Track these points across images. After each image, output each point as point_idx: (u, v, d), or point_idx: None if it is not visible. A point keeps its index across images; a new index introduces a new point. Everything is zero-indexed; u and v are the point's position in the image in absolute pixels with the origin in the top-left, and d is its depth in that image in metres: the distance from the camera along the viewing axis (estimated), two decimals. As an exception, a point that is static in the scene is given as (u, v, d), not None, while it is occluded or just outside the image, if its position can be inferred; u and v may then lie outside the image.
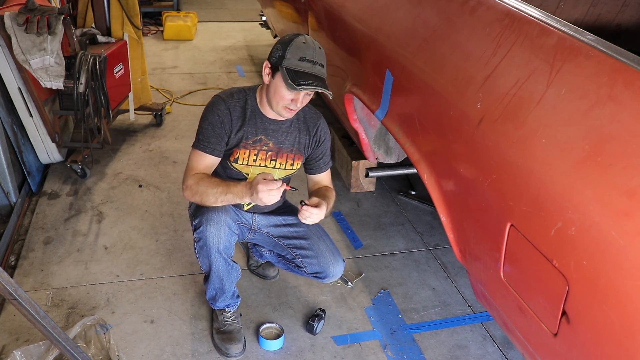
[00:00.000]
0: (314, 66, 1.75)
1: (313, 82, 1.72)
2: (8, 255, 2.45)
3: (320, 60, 1.77)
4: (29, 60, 2.61)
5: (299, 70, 1.73)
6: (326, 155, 2.06)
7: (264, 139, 1.91)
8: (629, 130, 1.12)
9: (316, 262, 2.02)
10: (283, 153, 1.95)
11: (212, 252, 1.86)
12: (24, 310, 1.42)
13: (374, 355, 2.07)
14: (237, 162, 1.92)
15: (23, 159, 2.89)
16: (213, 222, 1.83)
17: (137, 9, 3.44)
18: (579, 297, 1.17)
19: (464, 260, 1.72)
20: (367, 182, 3.08)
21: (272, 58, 1.78)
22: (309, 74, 1.74)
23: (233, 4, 7.27)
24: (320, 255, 2.02)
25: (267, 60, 1.80)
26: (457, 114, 1.61)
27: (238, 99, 1.89)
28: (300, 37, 1.77)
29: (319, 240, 2.04)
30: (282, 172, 1.99)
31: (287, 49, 1.74)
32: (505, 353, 2.11)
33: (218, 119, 1.84)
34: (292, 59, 1.73)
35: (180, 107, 4.14)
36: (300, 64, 1.73)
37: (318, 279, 2.07)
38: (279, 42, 1.80)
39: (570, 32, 1.35)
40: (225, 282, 1.95)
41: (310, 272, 2.05)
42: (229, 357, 2.00)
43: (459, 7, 1.79)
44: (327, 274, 2.03)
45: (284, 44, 1.76)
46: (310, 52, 1.74)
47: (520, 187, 1.33)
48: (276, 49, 1.77)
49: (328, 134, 2.05)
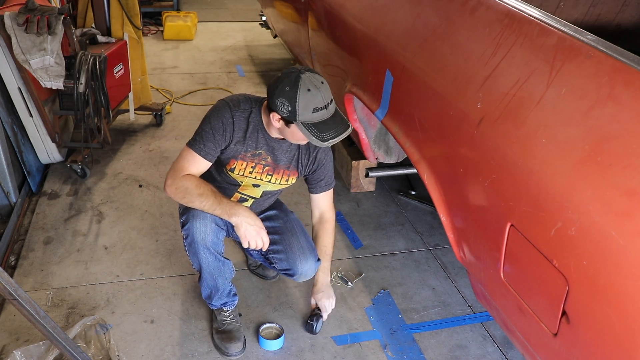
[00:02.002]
0: (328, 109, 1.69)
1: (335, 132, 1.70)
2: (8, 255, 2.45)
3: (329, 97, 1.69)
4: (29, 60, 2.61)
5: (317, 122, 1.68)
6: (327, 177, 2.04)
7: (263, 154, 1.90)
8: (629, 130, 1.12)
9: (285, 257, 2.00)
10: (280, 169, 1.95)
11: (200, 248, 1.86)
12: (24, 310, 1.42)
13: (374, 355, 2.07)
14: (233, 171, 1.92)
15: (23, 159, 2.89)
16: (199, 218, 1.82)
17: (137, 9, 3.44)
18: (579, 297, 1.17)
19: (464, 260, 1.72)
20: (367, 182, 3.08)
21: (281, 112, 1.68)
22: (327, 121, 1.70)
23: (233, 4, 7.27)
24: (289, 252, 2.00)
25: (274, 112, 1.71)
26: (457, 114, 1.61)
27: (244, 110, 1.84)
28: (302, 84, 1.65)
29: (292, 237, 2.02)
30: (276, 185, 2.00)
31: (295, 103, 1.65)
32: (505, 353, 2.11)
33: (221, 125, 1.81)
34: (305, 114, 1.66)
35: (180, 107, 4.14)
36: (315, 116, 1.67)
37: (289, 277, 2.06)
38: (280, 93, 1.67)
39: (570, 32, 1.35)
40: (217, 279, 1.95)
41: (280, 268, 2.05)
42: (229, 357, 2.00)
43: (459, 7, 1.78)
44: (295, 271, 2.01)
45: (289, 98, 1.65)
46: (319, 98, 1.66)
47: (520, 187, 1.33)
48: (282, 103, 1.67)
49: (329, 155, 2.02)
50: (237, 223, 1.78)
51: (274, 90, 1.70)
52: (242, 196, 2.02)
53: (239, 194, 2.01)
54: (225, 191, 1.99)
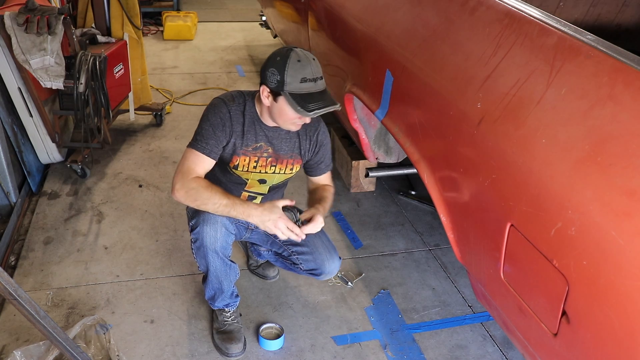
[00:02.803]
0: (316, 83, 1.71)
1: (321, 103, 1.70)
2: (8, 255, 2.45)
3: (319, 73, 1.72)
4: (29, 60, 2.61)
5: (304, 92, 1.69)
6: (327, 158, 2.05)
7: (264, 146, 1.90)
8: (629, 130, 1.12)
9: (312, 258, 2.01)
10: (283, 159, 1.95)
11: (209, 253, 1.86)
12: (24, 310, 1.42)
13: (374, 355, 2.07)
14: (237, 169, 1.91)
15: (23, 159, 2.89)
16: (210, 223, 1.82)
17: (137, 9, 3.44)
18: (579, 297, 1.17)
19: (464, 260, 1.72)
20: (367, 182, 3.08)
21: (270, 83, 1.72)
22: (314, 94, 1.70)
23: (233, 4, 7.27)
24: (315, 252, 2.01)
25: (264, 85, 1.74)
26: (457, 114, 1.61)
27: (239, 104, 1.86)
28: (293, 55, 1.69)
29: (315, 237, 2.02)
30: (281, 176, 1.99)
31: (284, 72, 1.67)
32: (505, 353, 2.11)
33: (220, 121, 1.82)
34: (293, 83, 1.68)
35: (180, 107, 4.14)
36: (303, 86, 1.69)
37: (314, 276, 2.06)
38: (271, 64, 1.71)
39: (570, 32, 1.35)
40: (223, 282, 1.95)
41: (306, 269, 2.05)
42: (229, 357, 2.00)
43: (459, 7, 1.78)
44: (322, 271, 2.02)
45: (279, 67, 1.68)
46: (309, 70, 1.69)
47: (520, 187, 1.33)
48: (272, 73, 1.70)
49: (328, 136, 2.04)
50: (257, 223, 1.77)
51: (266, 64, 1.74)
52: (250, 194, 2.02)
53: (247, 192, 2.01)
54: (232, 192, 1.99)
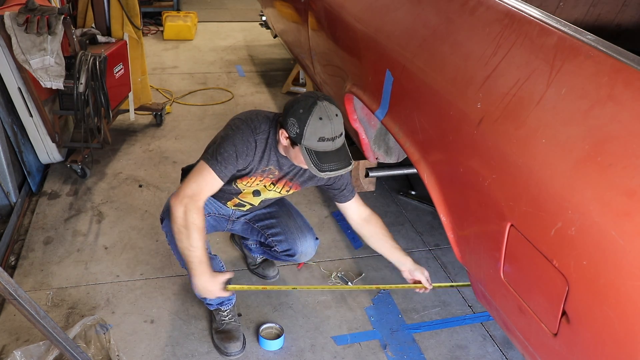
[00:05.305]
0: (334, 142, 1.68)
1: (336, 165, 1.68)
2: (8, 255, 2.45)
3: (339, 130, 1.68)
4: (29, 60, 2.61)
5: (320, 150, 1.67)
6: (349, 185, 2.03)
7: (273, 169, 1.89)
8: (629, 130, 1.12)
9: (284, 238, 2.04)
10: (283, 180, 1.95)
11: None
12: (24, 310, 1.42)
13: (374, 355, 2.07)
14: (240, 183, 1.92)
15: (23, 159, 2.89)
16: None
17: (137, 9, 3.44)
18: (579, 297, 1.17)
19: (464, 260, 1.72)
20: (367, 182, 3.08)
21: (289, 131, 1.69)
22: (330, 153, 1.68)
23: (233, 4, 7.27)
24: (287, 232, 2.04)
25: (283, 129, 1.72)
26: (457, 114, 1.61)
27: (263, 131, 1.82)
28: (316, 110, 1.65)
29: (288, 219, 2.06)
30: (275, 194, 2.01)
31: (304, 127, 1.65)
32: (505, 353, 2.11)
33: (245, 150, 1.78)
34: (311, 139, 1.65)
35: (180, 107, 4.14)
36: (320, 145, 1.66)
37: (290, 259, 2.09)
38: (293, 114, 1.67)
39: (570, 32, 1.35)
40: None
41: (280, 250, 2.08)
42: (228, 356, 2.00)
43: (459, 7, 1.78)
44: (295, 251, 2.04)
45: (300, 120, 1.65)
46: (329, 129, 1.65)
47: (520, 187, 1.32)
48: (292, 123, 1.67)
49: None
50: (198, 289, 1.82)
51: (289, 109, 1.70)
52: (240, 202, 2.02)
53: (238, 199, 2.01)
54: (224, 196, 1.99)
